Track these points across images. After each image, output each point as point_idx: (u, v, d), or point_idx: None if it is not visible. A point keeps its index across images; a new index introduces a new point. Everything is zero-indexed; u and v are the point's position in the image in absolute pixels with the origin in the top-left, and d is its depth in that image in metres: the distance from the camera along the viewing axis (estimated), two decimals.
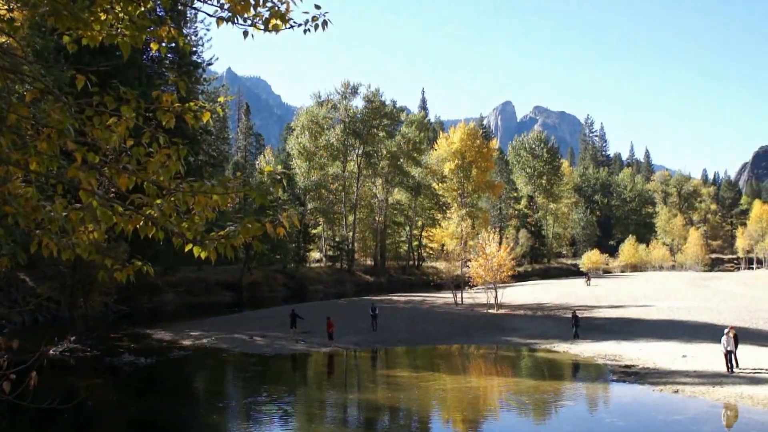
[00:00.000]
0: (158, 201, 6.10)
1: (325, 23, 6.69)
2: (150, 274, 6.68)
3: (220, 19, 6.60)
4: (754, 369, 29.58)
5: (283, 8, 6.58)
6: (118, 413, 25.74)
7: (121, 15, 6.53)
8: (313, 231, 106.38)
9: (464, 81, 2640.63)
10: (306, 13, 6.64)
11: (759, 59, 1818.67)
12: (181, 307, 63.89)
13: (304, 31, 6.72)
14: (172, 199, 6.10)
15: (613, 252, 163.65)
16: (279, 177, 73.18)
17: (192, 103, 6.54)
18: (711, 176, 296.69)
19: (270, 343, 41.12)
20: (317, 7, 6.69)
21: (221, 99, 7.59)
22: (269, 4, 6.56)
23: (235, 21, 6.57)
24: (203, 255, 6.24)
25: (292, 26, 6.64)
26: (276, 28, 6.60)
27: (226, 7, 6.53)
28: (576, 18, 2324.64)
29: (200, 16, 72.11)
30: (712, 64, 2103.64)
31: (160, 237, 6.20)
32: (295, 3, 6.64)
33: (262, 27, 6.61)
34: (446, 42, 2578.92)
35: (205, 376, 34.85)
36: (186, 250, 6.29)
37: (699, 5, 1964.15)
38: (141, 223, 6.11)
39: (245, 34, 6.62)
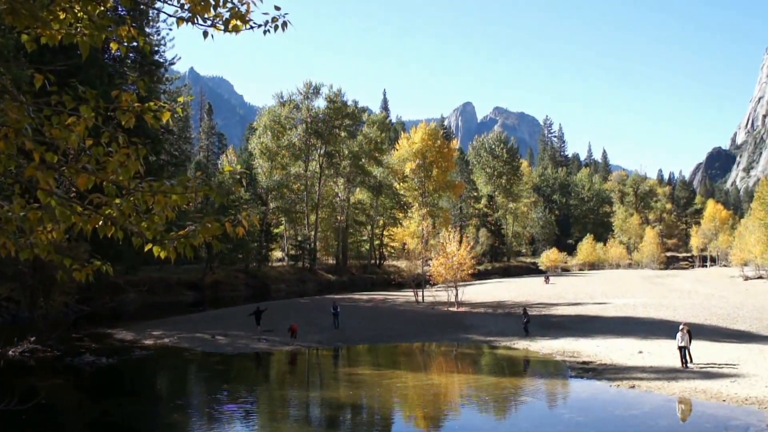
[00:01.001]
0: (117, 201, 6.10)
1: (285, 24, 6.72)
2: (109, 273, 6.67)
3: (180, 20, 6.60)
4: (708, 364, 30.18)
5: (243, 9, 6.60)
6: (78, 414, 25.48)
7: (80, 14, 6.50)
8: (276, 230, 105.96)
9: (425, 82, 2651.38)
10: (266, 14, 6.67)
11: (714, 62, 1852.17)
12: (143, 307, 63.27)
13: (264, 32, 6.74)
14: (132, 198, 6.09)
15: (571, 250, 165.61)
16: (239, 176, 73.00)
17: (152, 103, 6.53)
18: (666, 176, 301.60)
19: (232, 342, 40.95)
20: (277, 8, 6.72)
21: (181, 99, 7.59)
22: (229, 5, 6.57)
23: (195, 21, 6.58)
24: (163, 255, 6.25)
25: (252, 27, 6.66)
26: (236, 29, 6.62)
27: (186, 7, 6.54)
28: (535, 20, 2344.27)
29: (163, 15, 71.13)
30: (668, 67, 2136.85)
31: (120, 237, 6.20)
32: (255, 4, 6.66)
33: (222, 27, 6.63)
34: (408, 43, 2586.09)
35: (167, 375, 34.57)
36: (146, 249, 6.30)
37: (656, 8, 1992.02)
38: (100, 223, 6.10)
39: (205, 34, 6.63)
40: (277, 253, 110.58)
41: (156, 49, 70.47)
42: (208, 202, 73.89)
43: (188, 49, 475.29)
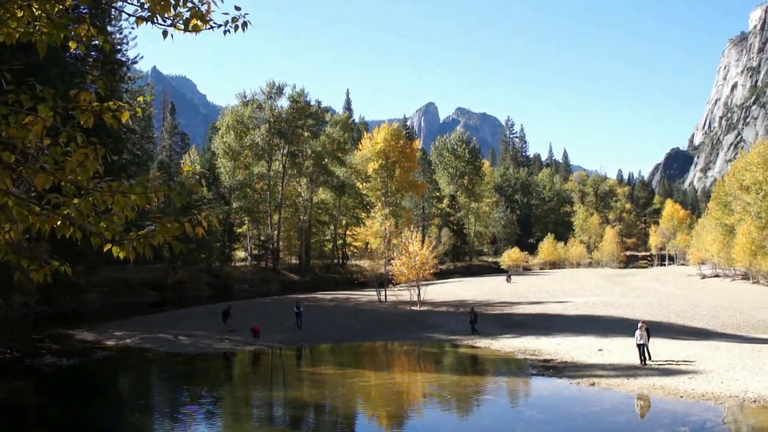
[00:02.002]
0: (76, 201, 6.06)
1: (245, 24, 6.73)
2: (68, 273, 6.62)
3: (140, 19, 6.58)
4: (666, 361, 30.65)
5: (204, 9, 6.60)
6: (39, 415, 25.12)
7: (38, 12, 6.45)
8: (238, 230, 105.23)
9: (388, 82, 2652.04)
10: (226, 14, 6.68)
11: (673, 65, 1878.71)
12: (105, 307, 62.44)
13: (225, 32, 6.75)
14: (91, 198, 6.06)
15: (532, 250, 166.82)
16: (198, 176, 72.46)
17: (111, 103, 6.50)
18: (626, 177, 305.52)
19: (195, 342, 40.66)
20: (237, 8, 6.73)
21: (140, 98, 7.55)
22: (190, 5, 6.57)
23: (155, 21, 6.56)
24: (122, 255, 6.23)
25: (212, 27, 6.66)
26: (196, 29, 6.61)
27: (146, 6, 6.51)
28: (497, 21, 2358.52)
29: (124, 14, 70.24)
30: (628, 69, 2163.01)
31: (78, 237, 6.16)
32: (215, 4, 6.66)
33: (182, 27, 6.62)
34: (371, 44, 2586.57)
35: (129, 376, 34.20)
36: (105, 250, 6.26)
37: (616, 10, 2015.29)
38: (58, 223, 6.06)
39: (165, 34, 6.61)
40: (240, 253, 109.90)
41: (118, 47, 69.59)
42: (170, 202, 73.29)
43: (151, 48, 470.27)
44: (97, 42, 7.14)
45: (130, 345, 40.18)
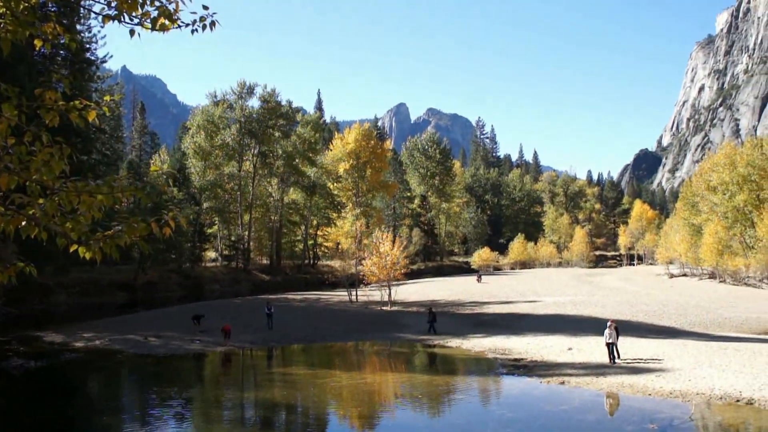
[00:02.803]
0: (41, 201, 5.99)
1: (213, 24, 6.69)
2: (33, 275, 6.53)
3: (106, 17, 6.51)
4: (634, 359, 30.94)
5: (171, 8, 6.54)
6: (6, 418, 24.76)
7: (2, 10, 6.36)
8: (209, 230, 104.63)
9: (360, 83, 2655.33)
10: (194, 13, 6.62)
11: (642, 67, 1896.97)
12: (74, 309, 61.73)
13: (192, 32, 6.70)
14: (56, 198, 5.99)
15: (503, 250, 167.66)
16: (165, 177, 71.83)
17: (77, 102, 6.43)
18: (595, 177, 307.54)
19: (165, 343, 40.34)
20: (205, 7, 6.67)
21: (107, 98, 7.46)
22: (157, 3, 6.51)
23: (122, 19, 6.49)
24: (88, 255, 6.16)
25: (180, 26, 6.61)
26: (164, 28, 6.56)
27: (113, 5, 6.45)
28: (468, 22, 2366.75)
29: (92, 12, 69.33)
30: (599, 71, 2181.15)
31: (44, 237, 6.08)
32: (184, 3, 6.61)
33: (149, 26, 6.56)
34: (343, 44, 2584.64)
35: (99, 378, 33.81)
36: (71, 250, 6.19)
37: (588, 12, 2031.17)
38: (23, 224, 5.98)
39: (132, 32, 6.55)
40: (211, 254, 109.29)
41: (87, 46, 68.84)
42: (140, 202, 72.43)
43: (121, 47, 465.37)
44: (64, 40, 7.05)
45: (99, 347, 39.77)
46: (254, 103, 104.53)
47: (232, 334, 41.13)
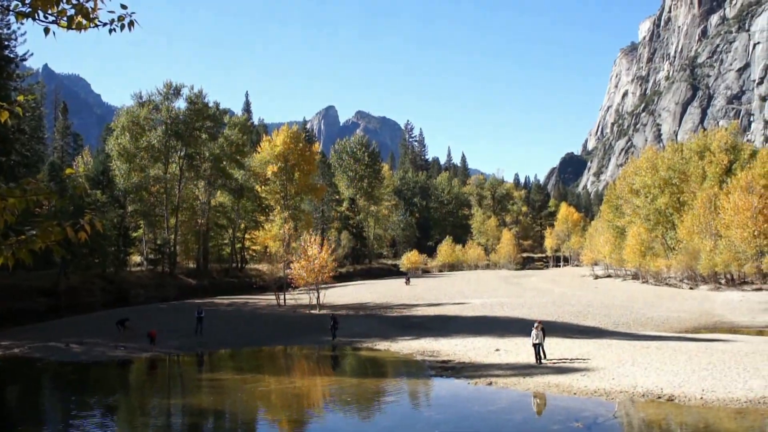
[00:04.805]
0: None
1: (132, 23, 6.53)
2: None
3: (20, 14, 6.29)
4: (560, 359, 31.48)
5: (90, 6, 6.35)
6: None
7: None
8: (134, 234, 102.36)
9: (288, 85, 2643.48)
10: (112, 12, 6.45)
11: (568, 72, 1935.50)
12: None
13: (110, 31, 6.53)
14: None
15: (431, 252, 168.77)
16: (82, 179, 69.97)
17: None
18: (522, 180, 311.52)
19: (88, 350, 39.40)
20: (123, 6, 6.52)
21: (21, 97, 7.16)
22: (74, 1, 6.32)
23: (37, 17, 6.27)
24: (0, 261, 5.92)
25: (97, 25, 6.42)
26: (81, 27, 6.36)
27: (27, 2, 6.23)
28: (396, 26, 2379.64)
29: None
30: (525, 76, 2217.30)
31: None
32: (103, 1, 6.43)
33: (66, 24, 6.35)
34: (271, 46, 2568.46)
35: (17, 387, 32.76)
36: None
37: (514, 16, 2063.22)
38: None
39: (47, 30, 6.34)
40: (136, 258, 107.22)
41: (6, 44, 66.74)
42: (63, 206, 70.65)
43: (42, 44, 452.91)
44: None
45: (18, 354, 38.62)
46: (181, 104, 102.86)
47: (158, 340, 40.43)
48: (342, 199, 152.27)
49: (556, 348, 34.21)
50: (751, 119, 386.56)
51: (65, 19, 6.35)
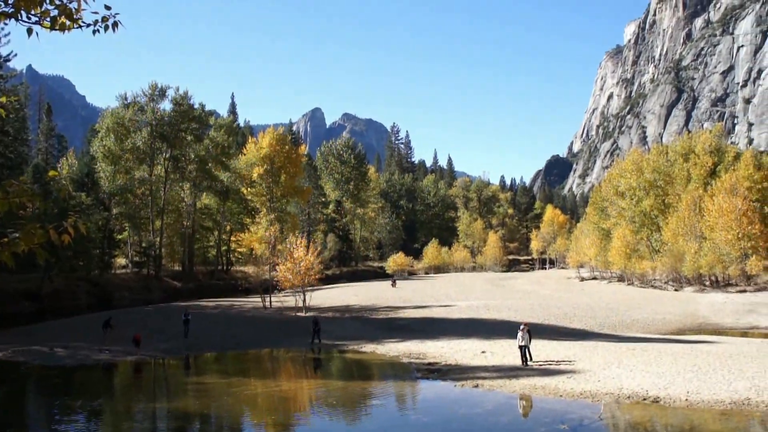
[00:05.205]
0: None
1: (115, 24, 6.49)
2: None
3: (2, 14, 6.23)
4: (546, 362, 31.54)
5: (73, 6, 6.30)
6: None
7: None
8: (119, 236, 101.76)
9: (275, 87, 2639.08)
10: (96, 13, 6.39)
11: (553, 76, 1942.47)
12: None
13: (94, 32, 6.48)
14: None
15: (417, 254, 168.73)
16: (65, 181, 69.54)
17: None
18: (508, 182, 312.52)
19: (72, 354, 39.14)
20: (107, 7, 6.48)
21: (4, 99, 7.09)
22: (57, 2, 6.27)
23: (19, 18, 6.21)
24: None
25: (81, 26, 6.37)
26: (64, 27, 6.31)
27: (9, 2, 6.17)
28: (383, 27, 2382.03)
29: None
30: (511, 78, 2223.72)
31: None
32: (86, 2, 6.38)
33: (49, 25, 6.30)
34: (257, 47, 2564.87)
35: (1, 393, 32.48)
36: None
37: (501, 20, 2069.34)
38: None
39: (29, 31, 6.28)
40: (121, 260, 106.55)
41: None
42: (46, 208, 70.26)
43: (26, 45, 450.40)
44: None
45: (1, 359, 38.29)
46: (166, 105, 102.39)
47: (143, 343, 40.22)
48: (328, 201, 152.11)
49: (542, 350, 34.30)
50: (735, 121, 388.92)
51: (48, 19, 6.30)
